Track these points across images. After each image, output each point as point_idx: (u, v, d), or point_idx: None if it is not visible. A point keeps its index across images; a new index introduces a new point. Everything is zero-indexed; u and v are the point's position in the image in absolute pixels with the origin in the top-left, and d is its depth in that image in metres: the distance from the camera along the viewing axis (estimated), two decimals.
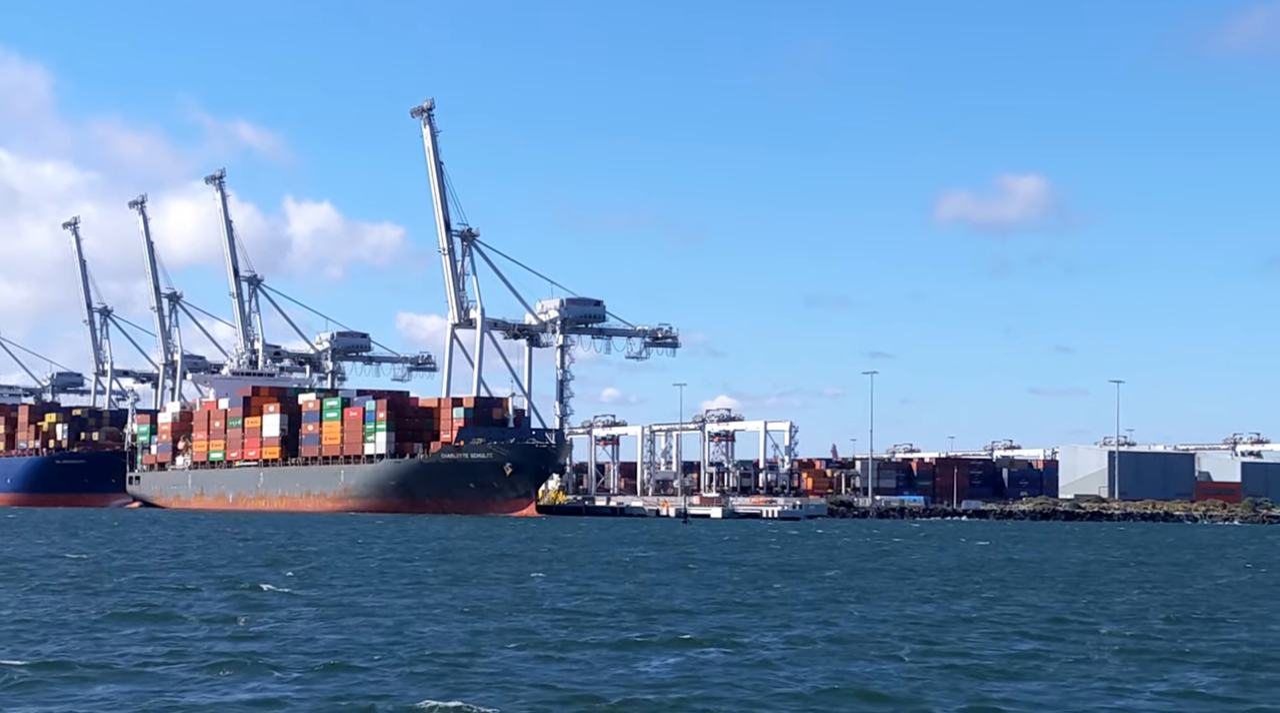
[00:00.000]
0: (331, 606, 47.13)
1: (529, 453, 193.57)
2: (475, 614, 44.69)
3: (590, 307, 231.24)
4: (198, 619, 42.13)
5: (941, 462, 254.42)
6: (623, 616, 45.01)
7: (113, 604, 46.47)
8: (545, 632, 39.57)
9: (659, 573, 67.84)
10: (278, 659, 33.08)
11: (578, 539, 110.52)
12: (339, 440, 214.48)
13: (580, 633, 39.35)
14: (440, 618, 43.33)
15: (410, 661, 33.01)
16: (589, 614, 45.30)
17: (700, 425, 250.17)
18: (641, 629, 40.80)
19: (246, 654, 33.75)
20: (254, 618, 42.46)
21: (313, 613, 44.38)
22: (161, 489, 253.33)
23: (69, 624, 40.31)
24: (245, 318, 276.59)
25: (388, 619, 42.66)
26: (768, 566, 76.80)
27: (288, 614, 43.84)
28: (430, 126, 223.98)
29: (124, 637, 37.43)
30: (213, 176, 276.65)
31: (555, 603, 49.56)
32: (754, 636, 39.21)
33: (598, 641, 37.48)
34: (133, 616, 42.75)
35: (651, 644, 37.04)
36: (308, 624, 40.93)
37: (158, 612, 44.16)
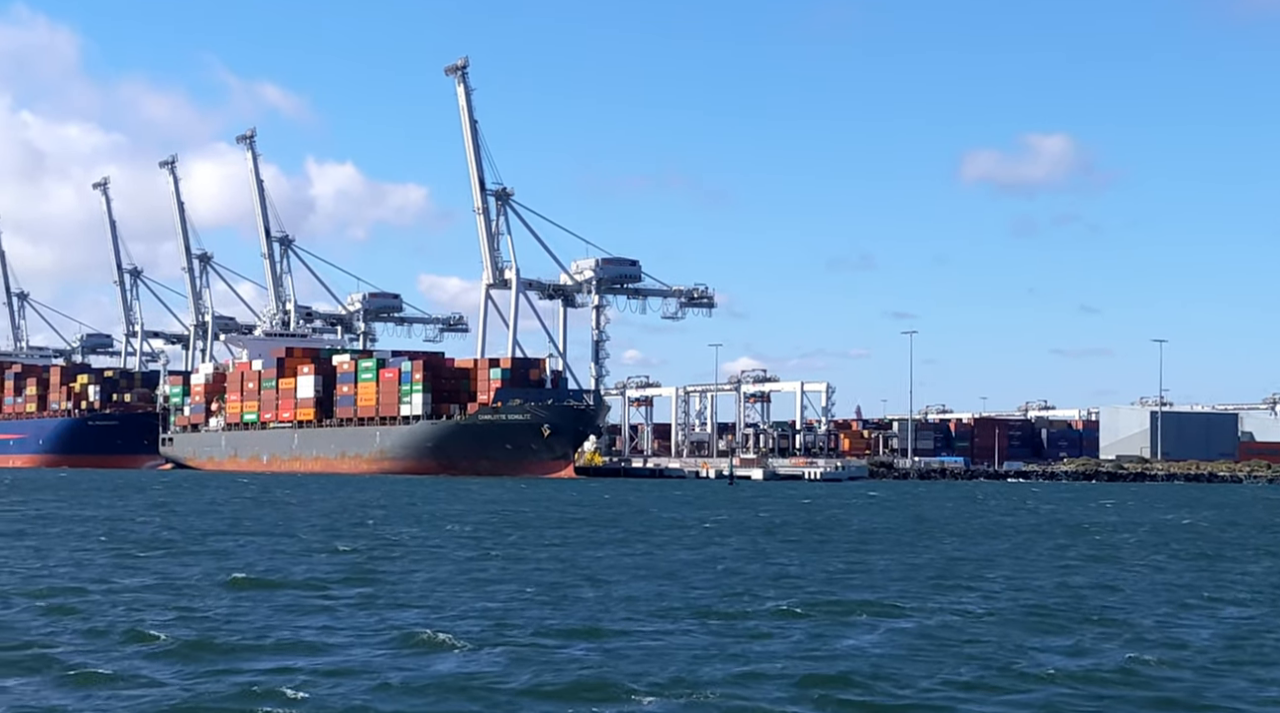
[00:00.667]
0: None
1: (567, 414, 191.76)
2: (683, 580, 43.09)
3: (626, 267, 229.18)
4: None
5: (979, 422, 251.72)
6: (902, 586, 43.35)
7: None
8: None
9: (801, 536, 65.72)
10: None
11: (639, 502, 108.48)
12: (374, 402, 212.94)
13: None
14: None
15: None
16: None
17: (735, 386, 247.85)
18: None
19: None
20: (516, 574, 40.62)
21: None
22: (195, 451, 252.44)
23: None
24: (276, 279, 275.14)
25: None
26: (909, 529, 74.75)
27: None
28: (464, 85, 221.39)
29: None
30: (243, 136, 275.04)
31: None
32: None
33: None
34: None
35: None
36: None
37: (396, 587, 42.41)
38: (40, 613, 34.28)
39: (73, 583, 41.17)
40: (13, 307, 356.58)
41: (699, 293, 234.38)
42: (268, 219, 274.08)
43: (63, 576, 43.61)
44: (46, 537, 61.69)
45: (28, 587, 40.01)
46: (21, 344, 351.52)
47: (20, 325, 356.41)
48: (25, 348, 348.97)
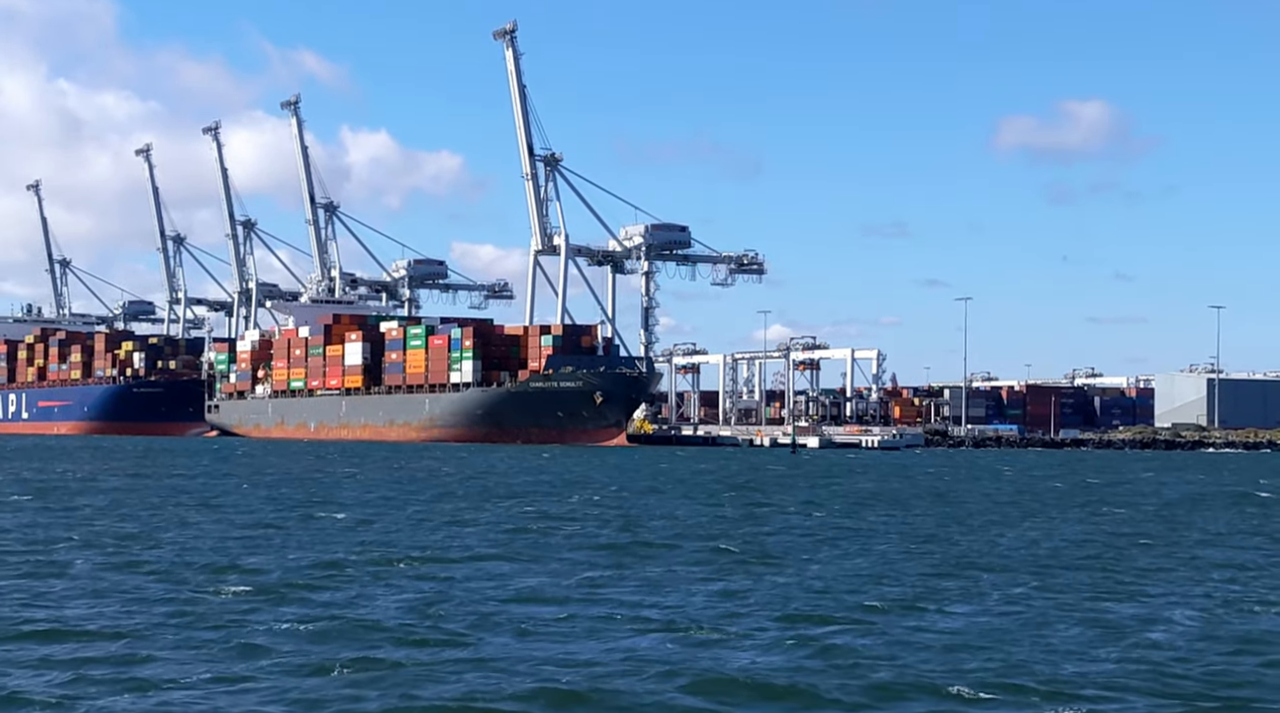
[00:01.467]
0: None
1: (620, 381, 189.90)
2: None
3: (676, 232, 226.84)
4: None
5: (1031, 390, 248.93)
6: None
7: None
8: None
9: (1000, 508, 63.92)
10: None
11: (725, 471, 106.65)
12: (423, 369, 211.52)
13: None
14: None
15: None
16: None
17: (785, 354, 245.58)
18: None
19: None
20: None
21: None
22: (241, 418, 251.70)
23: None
24: (321, 245, 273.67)
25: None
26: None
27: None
28: (513, 49, 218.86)
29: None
30: (288, 102, 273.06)
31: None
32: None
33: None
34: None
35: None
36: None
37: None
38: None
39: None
40: (55, 274, 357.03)
41: (749, 259, 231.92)
42: (313, 185, 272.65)
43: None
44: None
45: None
46: (64, 311, 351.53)
47: (63, 292, 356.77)
48: (68, 315, 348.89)
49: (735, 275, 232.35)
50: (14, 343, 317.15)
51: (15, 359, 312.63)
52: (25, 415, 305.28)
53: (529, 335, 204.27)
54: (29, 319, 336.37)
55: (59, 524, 50.98)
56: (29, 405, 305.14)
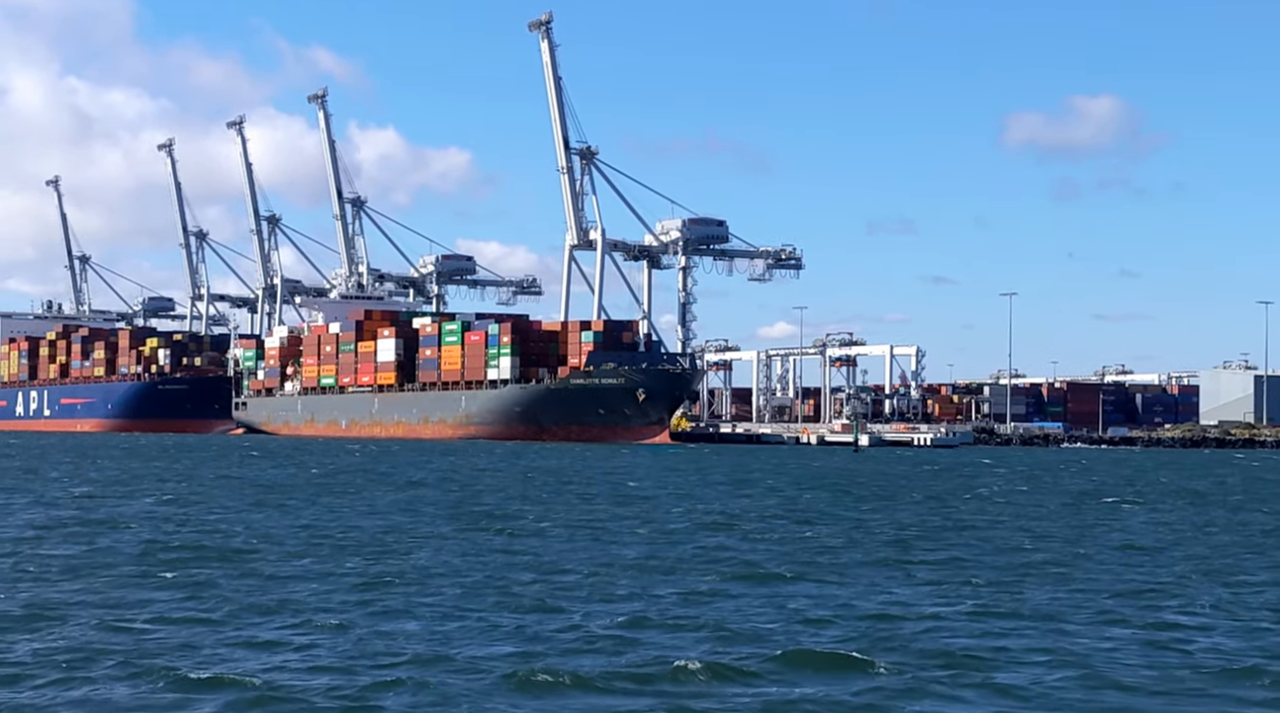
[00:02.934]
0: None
1: (663, 378, 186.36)
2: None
3: (713, 227, 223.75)
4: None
5: (1072, 387, 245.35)
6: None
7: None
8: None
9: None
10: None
11: (821, 471, 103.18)
12: (459, 366, 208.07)
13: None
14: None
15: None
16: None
17: (821, 350, 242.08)
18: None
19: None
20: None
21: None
22: (269, 415, 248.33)
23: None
24: (349, 240, 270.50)
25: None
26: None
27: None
28: (549, 40, 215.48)
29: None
30: (315, 95, 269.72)
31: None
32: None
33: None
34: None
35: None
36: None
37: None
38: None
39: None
40: (74, 270, 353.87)
41: (786, 254, 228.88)
42: (340, 180, 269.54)
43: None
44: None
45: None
46: (84, 307, 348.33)
47: (82, 289, 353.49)
48: (88, 311, 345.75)
49: (773, 270, 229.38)
50: (35, 340, 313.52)
51: (37, 356, 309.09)
52: (47, 413, 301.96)
53: (568, 331, 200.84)
54: (49, 316, 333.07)
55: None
56: (51, 403, 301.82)
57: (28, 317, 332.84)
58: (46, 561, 37.90)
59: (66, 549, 40.89)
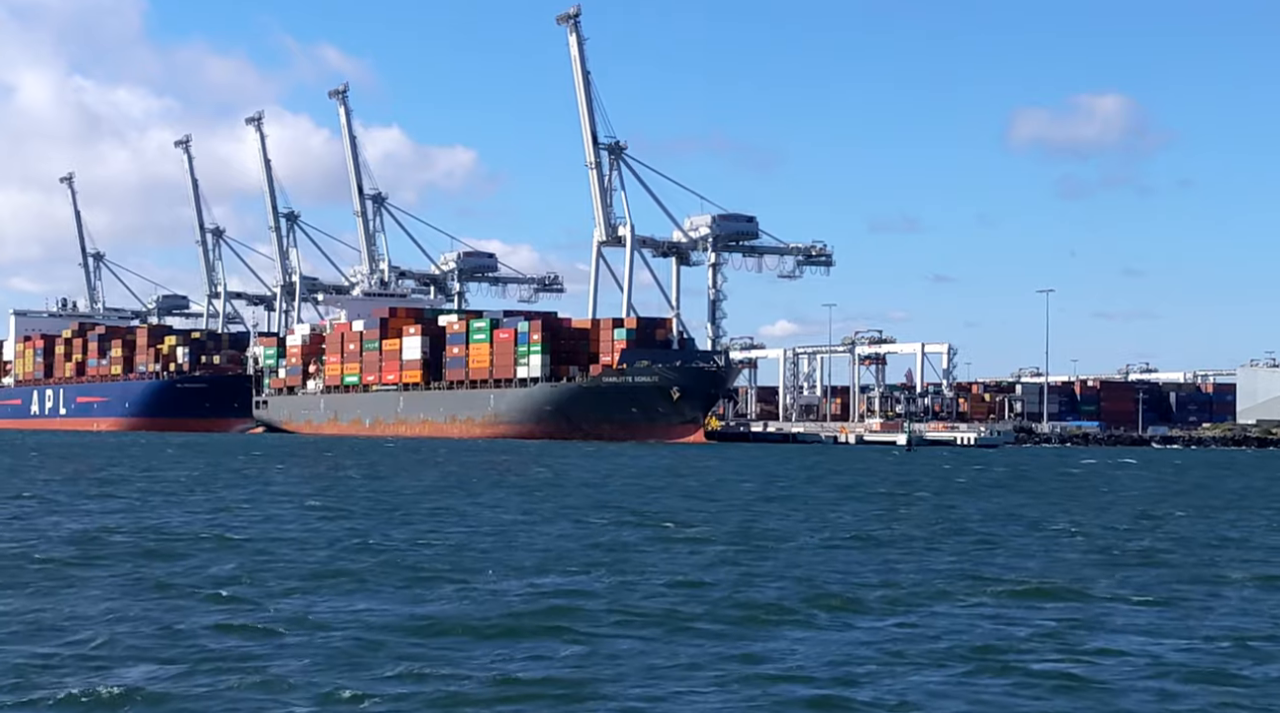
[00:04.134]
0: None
1: (698, 376, 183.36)
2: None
3: (743, 223, 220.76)
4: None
5: (1106, 385, 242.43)
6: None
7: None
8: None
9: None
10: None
11: (896, 473, 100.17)
12: (488, 364, 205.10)
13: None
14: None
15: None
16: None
17: (850, 348, 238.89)
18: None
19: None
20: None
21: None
22: (291, 414, 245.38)
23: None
24: (370, 237, 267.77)
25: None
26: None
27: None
28: (577, 34, 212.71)
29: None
30: (336, 90, 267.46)
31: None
32: None
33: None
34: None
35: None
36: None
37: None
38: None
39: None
40: (88, 267, 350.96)
41: (817, 251, 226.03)
42: (361, 176, 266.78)
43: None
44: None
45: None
46: (98, 305, 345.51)
47: (96, 286, 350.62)
48: (102, 309, 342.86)
49: (802, 267, 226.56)
50: (50, 338, 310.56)
51: (53, 354, 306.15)
52: (63, 411, 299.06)
53: (600, 329, 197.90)
54: (63, 314, 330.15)
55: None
56: (67, 401, 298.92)
57: (42, 315, 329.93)
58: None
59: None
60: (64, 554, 38.20)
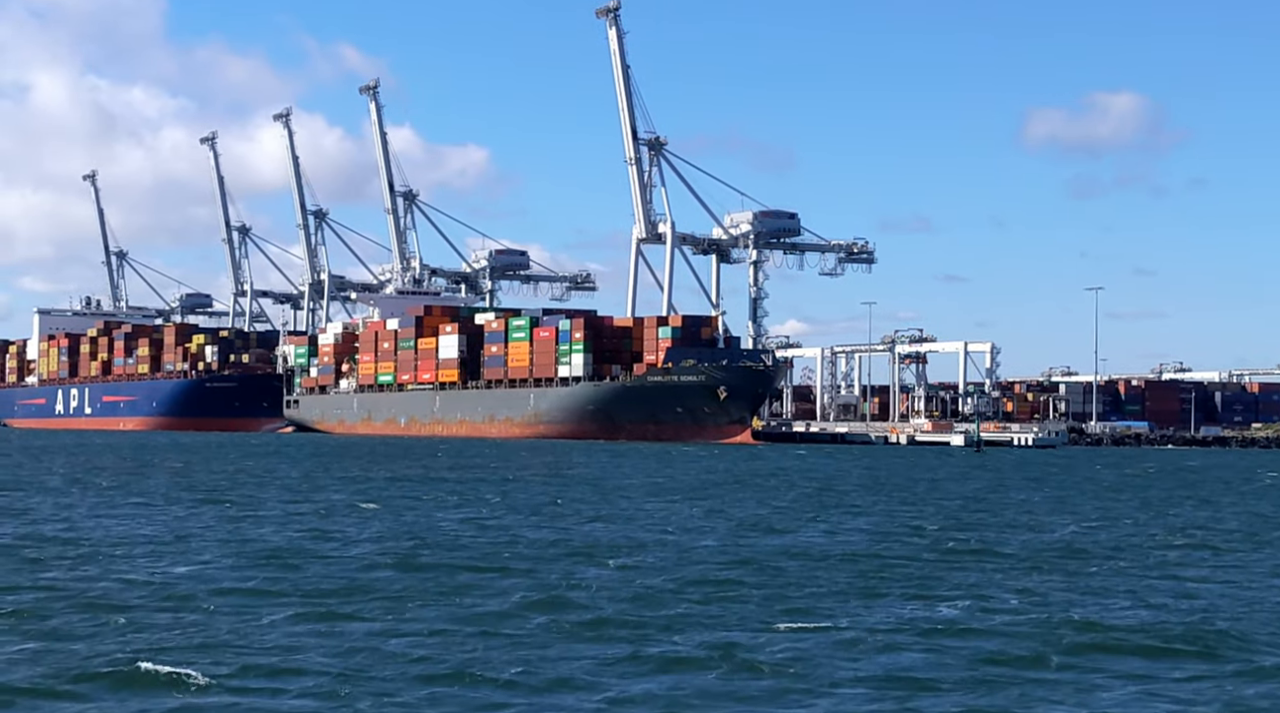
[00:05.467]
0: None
1: (746, 376, 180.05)
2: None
3: (785, 219, 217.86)
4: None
5: (1151, 385, 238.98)
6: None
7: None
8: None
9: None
10: None
11: (994, 476, 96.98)
12: (527, 362, 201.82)
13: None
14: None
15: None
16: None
17: (890, 347, 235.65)
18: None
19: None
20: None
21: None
22: (323, 413, 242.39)
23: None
24: (400, 235, 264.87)
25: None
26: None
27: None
28: (616, 28, 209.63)
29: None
30: (366, 86, 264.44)
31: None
32: None
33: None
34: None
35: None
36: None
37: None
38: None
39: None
40: (111, 266, 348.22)
41: (859, 248, 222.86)
42: (391, 173, 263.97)
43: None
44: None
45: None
46: (121, 303, 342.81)
47: (119, 285, 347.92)
48: (125, 307, 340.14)
49: (844, 264, 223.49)
50: (75, 336, 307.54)
51: (78, 353, 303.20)
52: (88, 411, 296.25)
53: (643, 327, 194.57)
54: (88, 312, 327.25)
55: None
56: (92, 400, 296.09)
57: (66, 313, 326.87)
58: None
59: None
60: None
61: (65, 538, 42.68)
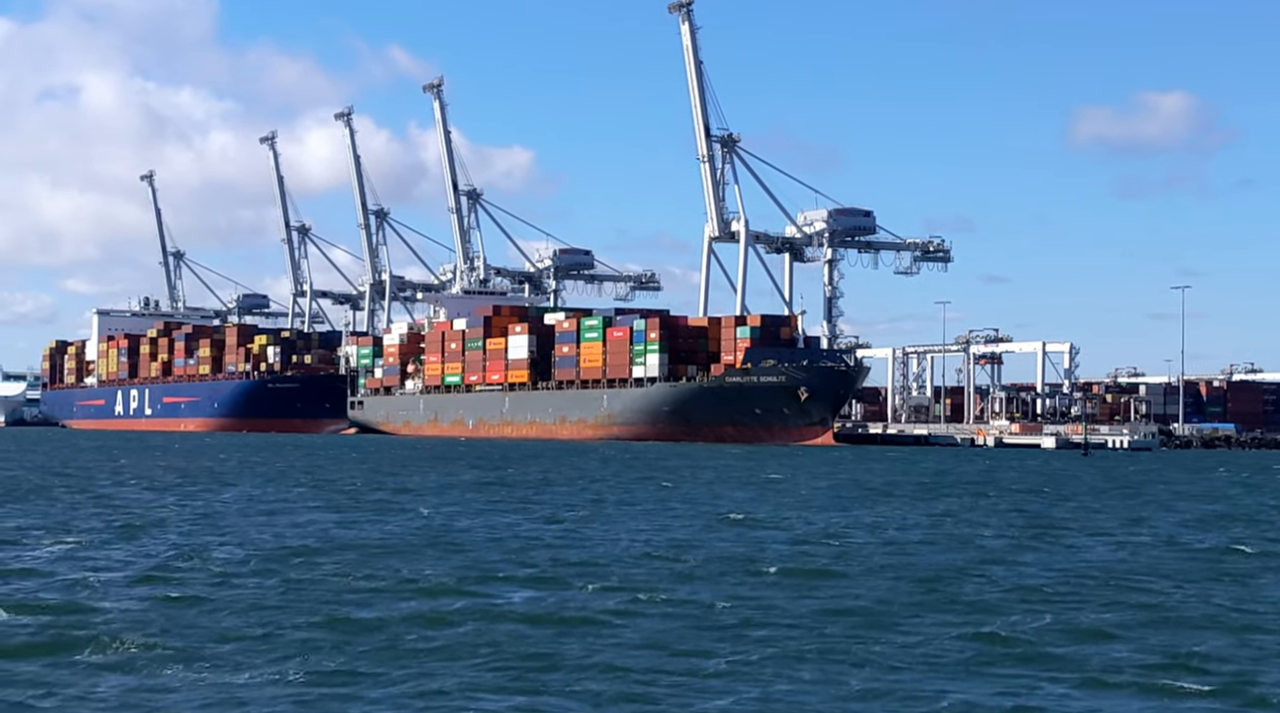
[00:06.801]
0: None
1: (827, 376, 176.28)
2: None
3: (860, 217, 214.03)
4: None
5: (1234, 386, 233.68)
6: None
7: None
8: None
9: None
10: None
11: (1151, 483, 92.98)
12: (600, 363, 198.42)
13: None
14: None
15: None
16: None
17: (964, 347, 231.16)
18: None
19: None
20: None
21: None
22: (388, 414, 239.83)
23: None
24: (464, 234, 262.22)
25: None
26: None
27: None
28: (689, 23, 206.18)
29: None
30: (431, 84, 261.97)
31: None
32: None
33: None
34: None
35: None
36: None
37: None
38: None
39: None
40: (169, 266, 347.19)
41: (934, 246, 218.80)
42: (455, 173, 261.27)
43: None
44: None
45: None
46: (179, 304, 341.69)
47: (176, 286, 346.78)
48: (183, 308, 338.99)
49: (920, 263, 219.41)
50: (135, 337, 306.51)
51: (138, 354, 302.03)
52: (149, 412, 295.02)
53: (720, 327, 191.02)
54: (146, 313, 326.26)
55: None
56: (153, 402, 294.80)
57: (125, 314, 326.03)
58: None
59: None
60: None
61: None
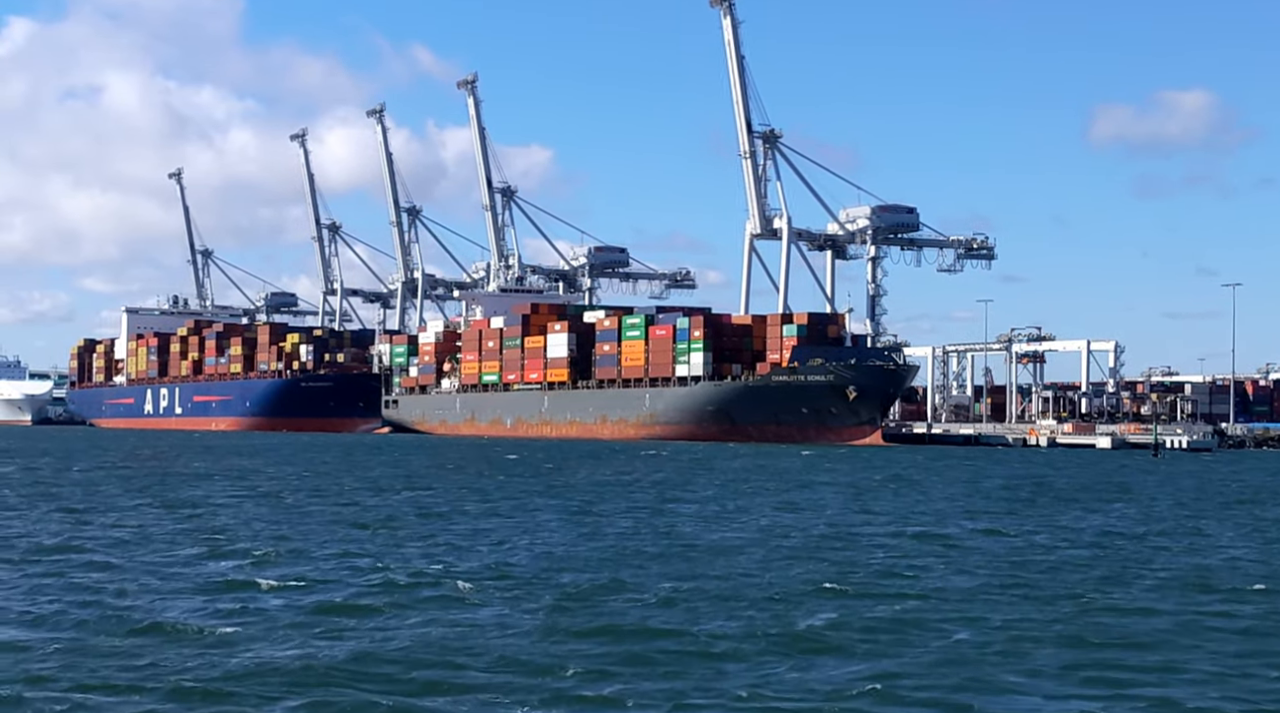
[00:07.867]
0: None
1: (876, 375, 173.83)
2: None
3: (904, 214, 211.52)
4: None
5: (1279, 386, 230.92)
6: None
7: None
8: None
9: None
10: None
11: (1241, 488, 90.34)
12: (643, 362, 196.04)
13: None
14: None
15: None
16: None
17: (1006, 345, 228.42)
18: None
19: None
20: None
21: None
22: (424, 414, 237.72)
23: None
24: (498, 232, 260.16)
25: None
26: None
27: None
28: (731, 17, 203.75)
29: None
30: (464, 81, 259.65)
31: None
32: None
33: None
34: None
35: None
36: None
37: None
38: None
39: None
40: (197, 265, 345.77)
41: (978, 243, 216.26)
42: (489, 170, 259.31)
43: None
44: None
45: None
46: (207, 302, 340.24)
47: (205, 284, 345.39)
48: (211, 306, 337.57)
49: (963, 261, 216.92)
50: (165, 336, 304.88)
51: (168, 352, 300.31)
52: (179, 411, 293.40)
53: (765, 325, 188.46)
54: (175, 311, 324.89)
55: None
56: (183, 400, 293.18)
57: (154, 312, 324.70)
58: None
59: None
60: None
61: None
